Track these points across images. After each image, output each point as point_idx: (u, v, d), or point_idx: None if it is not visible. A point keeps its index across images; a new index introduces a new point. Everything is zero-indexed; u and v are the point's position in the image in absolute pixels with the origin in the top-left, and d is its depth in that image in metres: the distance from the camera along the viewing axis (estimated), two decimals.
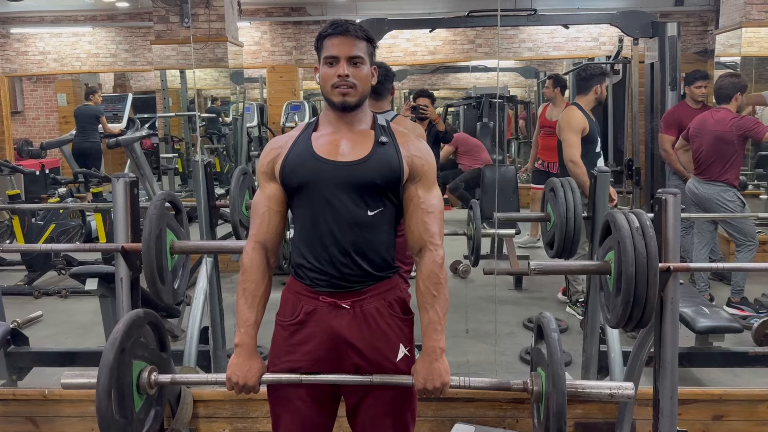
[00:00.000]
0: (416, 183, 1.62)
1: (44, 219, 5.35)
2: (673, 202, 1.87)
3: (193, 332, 2.73)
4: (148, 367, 1.66)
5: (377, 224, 1.60)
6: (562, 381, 1.49)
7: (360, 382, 1.60)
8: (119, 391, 1.55)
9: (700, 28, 8.61)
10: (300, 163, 1.60)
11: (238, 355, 1.61)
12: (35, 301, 4.74)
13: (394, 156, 1.60)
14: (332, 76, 1.58)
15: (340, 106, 1.60)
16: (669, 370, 1.91)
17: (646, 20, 4.97)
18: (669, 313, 1.89)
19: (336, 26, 1.59)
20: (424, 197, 1.62)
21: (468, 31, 9.00)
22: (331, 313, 1.60)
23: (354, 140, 1.62)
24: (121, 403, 1.56)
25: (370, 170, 1.57)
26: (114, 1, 8.49)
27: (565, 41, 8.86)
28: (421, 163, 1.63)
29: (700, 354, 2.93)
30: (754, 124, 4.08)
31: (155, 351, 1.75)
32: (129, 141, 7.17)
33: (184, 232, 2.10)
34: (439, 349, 1.57)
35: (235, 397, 2.55)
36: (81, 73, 10.19)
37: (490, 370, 2.86)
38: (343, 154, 1.60)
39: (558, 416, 1.48)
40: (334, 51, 1.58)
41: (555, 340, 1.54)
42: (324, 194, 1.57)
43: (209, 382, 1.74)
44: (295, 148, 1.63)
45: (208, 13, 5.96)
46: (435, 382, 1.56)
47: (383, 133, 1.64)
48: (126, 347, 1.57)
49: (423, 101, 4.00)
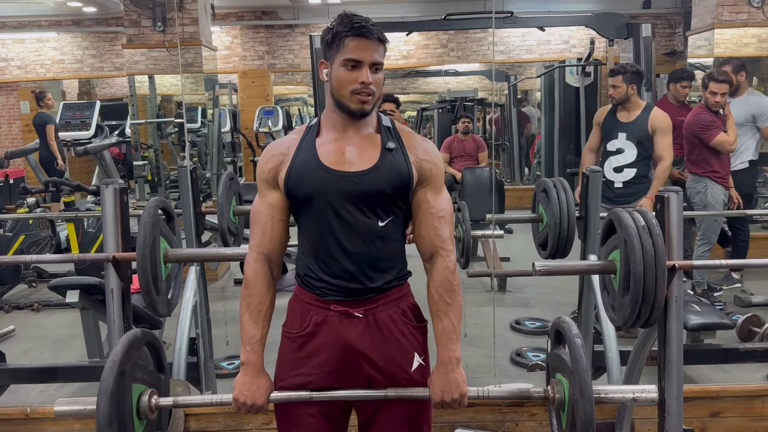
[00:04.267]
0: (425, 187, 1.56)
1: (13, 230, 5.17)
2: (676, 199, 1.87)
3: (181, 344, 2.64)
4: (148, 390, 1.57)
5: (389, 233, 1.54)
6: (589, 389, 1.45)
7: (374, 397, 1.55)
8: (120, 418, 1.47)
9: (668, 30, 8.79)
10: (306, 173, 1.52)
11: (245, 374, 1.54)
12: (6, 316, 4.58)
13: (402, 163, 1.53)
14: (353, 81, 1.48)
15: (358, 113, 1.51)
16: (675, 368, 1.90)
17: (620, 22, 5.04)
18: (674, 310, 1.88)
19: (360, 27, 1.47)
20: (434, 201, 1.56)
21: (440, 35, 9.03)
22: (342, 323, 1.54)
23: (361, 146, 1.54)
24: (121, 429, 1.47)
25: (379, 180, 1.50)
26: (80, 6, 8.29)
27: (536, 44, 8.95)
28: (430, 166, 1.56)
29: (692, 351, 2.94)
30: (700, 128, 4.13)
31: (154, 372, 1.66)
32: (98, 149, 7.02)
33: (176, 240, 2.03)
34: (455, 359, 1.52)
35: (227, 409, 2.48)
36: (45, 80, 9.94)
37: (488, 375, 2.84)
38: (350, 162, 1.52)
39: (586, 425, 1.44)
40: (357, 54, 1.47)
41: (578, 346, 1.50)
42: (333, 206, 1.50)
43: (214, 403, 1.66)
44: (299, 155, 1.54)
45: (181, 17, 5.84)
46: (453, 394, 1.50)
47: (390, 137, 1.56)
48: (125, 370, 1.48)
49: (388, 106, 3.90)
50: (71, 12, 8.74)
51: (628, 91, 3.72)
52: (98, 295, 2.98)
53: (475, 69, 10.64)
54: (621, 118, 3.79)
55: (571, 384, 1.51)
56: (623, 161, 3.76)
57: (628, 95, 3.73)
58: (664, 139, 3.70)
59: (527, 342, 3.77)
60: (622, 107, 3.78)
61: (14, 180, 8.17)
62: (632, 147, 3.74)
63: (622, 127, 3.77)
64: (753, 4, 5.29)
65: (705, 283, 4.32)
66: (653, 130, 3.70)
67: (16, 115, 11.35)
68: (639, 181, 3.75)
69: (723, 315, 3.18)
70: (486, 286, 4.90)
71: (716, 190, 4.21)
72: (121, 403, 1.47)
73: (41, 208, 6.35)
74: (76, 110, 8.09)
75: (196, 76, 6.50)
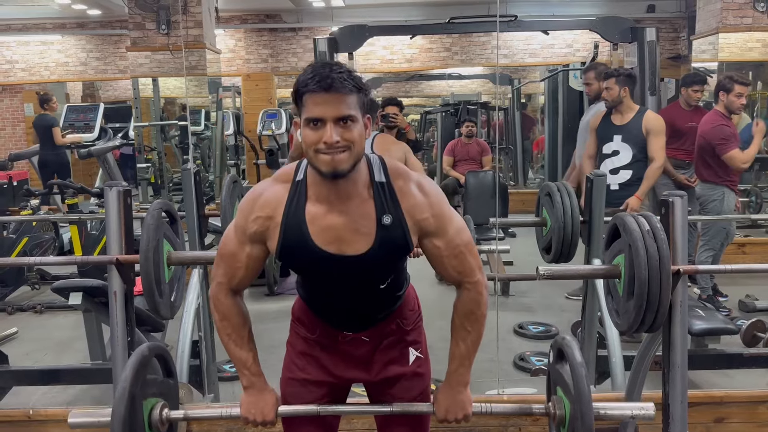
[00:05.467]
0: (431, 239, 1.48)
1: (16, 232, 5.18)
2: (681, 204, 1.86)
3: (184, 347, 2.63)
4: (159, 402, 1.59)
5: (391, 286, 1.56)
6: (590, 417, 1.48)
7: (380, 412, 1.61)
8: None
9: (672, 35, 8.77)
10: (299, 251, 1.43)
11: (249, 394, 1.56)
12: (9, 318, 4.57)
13: (401, 237, 1.43)
14: (317, 141, 1.33)
15: (329, 175, 1.35)
16: (679, 373, 1.90)
17: (625, 25, 5.02)
18: (678, 315, 1.87)
19: (318, 79, 1.31)
20: (446, 245, 1.48)
21: (444, 39, 9.03)
22: (351, 345, 1.60)
23: (354, 222, 1.41)
24: None
25: (377, 260, 1.44)
26: (85, 9, 8.31)
27: (540, 48, 8.95)
28: (430, 221, 1.45)
29: (697, 356, 2.93)
30: (720, 140, 4.09)
31: (164, 381, 1.67)
32: (101, 151, 7.02)
33: (180, 243, 2.03)
34: (464, 384, 1.56)
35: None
36: (49, 82, 9.96)
37: (491, 379, 2.82)
38: (345, 242, 1.42)
39: None
40: (317, 112, 1.32)
41: (580, 366, 1.53)
42: (330, 280, 1.49)
43: (224, 416, 1.70)
44: (288, 227, 1.42)
45: (185, 20, 5.86)
46: (457, 414, 1.55)
47: (384, 203, 1.42)
48: (136, 393, 1.49)
49: (392, 109, 3.90)
50: (76, 15, 8.77)
51: (620, 94, 3.75)
52: (101, 297, 2.97)
53: (478, 72, 10.64)
54: (615, 121, 3.81)
55: (573, 406, 1.53)
56: (619, 163, 3.78)
57: (621, 97, 3.76)
58: (657, 141, 3.72)
59: (530, 346, 3.76)
60: (615, 110, 3.80)
61: (18, 182, 8.18)
62: (627, 149, 3.76)
63: (617, 130, 3.80)
64: (758, 8, 5.28)
65: (710, 289, 4.31)
66: (647, 131, 3.73)
67: (20, 117, 11.37)
68: (635, 183, 3.76)
69: (727, 320, 3.17)
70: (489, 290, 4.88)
71: (731, 199, 4.21)
72: (133, 425, 1.48)
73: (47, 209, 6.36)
74: (80, 112, 8.11)
75: (200, 79, 6.52)
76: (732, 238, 4.38)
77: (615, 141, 3.79)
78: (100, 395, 3.02)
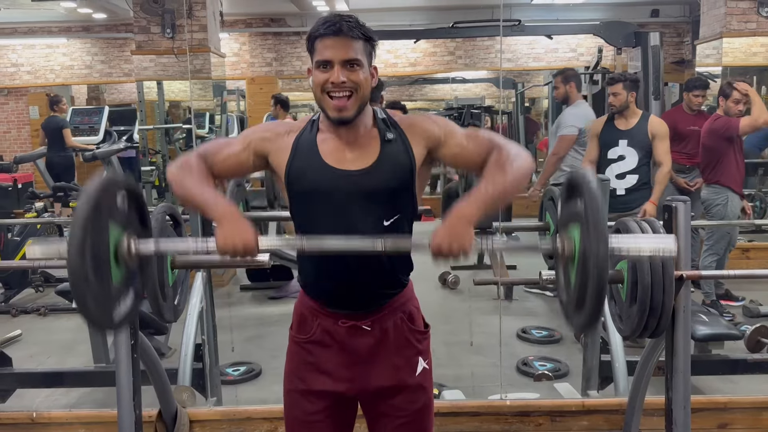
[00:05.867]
0: (444, 145, 1.51)
1: (21, 234, 5.19)
2: (684, 209, 1.86)
3: (187, 350, 2.64)
4: (126, 232, 1.44)
5: (395, 234, 1.49)
6: (605, 242, 1.34)
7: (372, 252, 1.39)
8: (94, 250, 1.31)
9: (676, 39, 8.78)
10: (307, 167, 1.47)
11: (223, 224, 1.37)
12: (13, 320, 4.59)
13: (403, 152, 1.49)
14: (325, 81, 1.42)
15: (336, 120, 1.45)
16: (682, 379, 1.89)
17: (629, 30, 5.04)
18: (681, 321, 1.87)
19: (328, 25, 1.41)
20: (461, 140, 1.52)
21: (448, 43, 9.06)
22: (350, 335, 1.54)
23: (360, 143, 1.49)
24: (97, 265, 1.32)
25: (383, 174, 1.46)
26: (90, 13, 8.35)
27: (544, 52, 8.96)
28: (435, 129, 1.52)
29: (700, 362, 2.92)
30: (723, 125, 4.14)
31: (135, 223, 1.52)
32: (106, 154, 7.05)
33: None
34: (468, 218, 1.37)
35: (232, 416, 2.48)
36: (55, 85, 10.01)
37: (494, 384, 2.82)
38: (352, 160, 1.48)
39: (600, 269, 1.34)
40: (326, 54, 1.41)
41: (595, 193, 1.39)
42: (334, 205, 1.46)
43: (199, 250, 1.54)
44: (299, 148, 1.49)
45: (190, 24, 5.87)
46: (452, 245, 1.34)
47: (387, 128, 1.51)
48: (101, 204, 1.35)
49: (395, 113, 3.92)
50: (81, 18, 8.81)
51: (627, 99, 3.75)
52: None
53: (482, 76, 10.65)
54: (620, 126, 3.81)
55: (583, 229, 1.38)
56: (625, 168, 3.78)
57: (628, 102, 3.76)
58: (663, 145, 3.74)
59: (534, 351, 3.76)
60: (620, 115, 3.80)
61: (23, 184, 8.22)
62: (634, 153, 3.76)
63: (622, 135, 3.79)
64: (762, 13, 5.28)
65: (713, 294, 4.30)
66: (653, 135, 3.74)
67: (26, 120, 11.42)
68: (641, 188, 3.76)
69: (731, 325, 3.16)
70: (492, 294, 4.88)
71: (735, 202, 4.20)
72: (96, 237, 1.33)
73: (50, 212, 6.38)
74: (85, 115, 8.16)
75: (205, 82, 6.53)
76: (735, 244, 4.37)
77: (620, 146, 3.78)
78: (103, 398, 3.02)
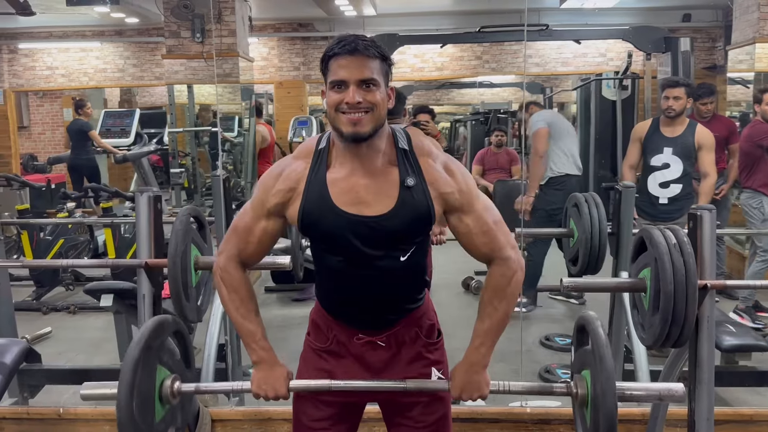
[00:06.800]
0: (458, 215, 1.48)
1: (53, 234, 5.32)
2: (709, 218, 1.84)
3: (210, 350, 2.68)
4: (172, 375, 1.56)
5: (411, 264, 1.51)
6: (612, 380, 1.42)
7: (393, 388, 1.53)
8: (141, 392, 1.43)
9: (708, 44, 8.64)
10: (319, 214, 1.43)
11: (259, 370, 1.52)
12: (44, 317, 4.69)
13: (423, 202, 1.43)
14: (340, 102, 1.37)
15: (350, 137, 1.38)
16: (705, 390, 1.87)
17: (658, 35, 4.98)
18: (705, 331, 1.85)
19: (343, 44, 1.37)
20: (474, 223, 1.48)
21: (475, 47, 9.03)
22: (365, 349, 1.56)
23: (376, 184, 1.43)
24: (142, 406, 1.43)
25: (399, 223, 1.43)
26: (123, 17, 8.51)
27: (573, 57, 8.88)
28: (455, 196, 1.46)
29: (726, 373, 2.88)
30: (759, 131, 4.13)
31: (180, 363, 1.64)
32: (137, 156, 7.17)
33: (207, 248, 2.06)
34: (483, 365, 1.51)
35: (253, 416, 2.50)
36: (88, 88, 10.22)
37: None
38: (366, 204, 1.42)
39: (609, 418, 1.41)
40: (341, 74, 1.37)
41: (602, 338, 1.47)
42: (350, 248, 1.45)
43: (235, 390, 1.70)
44: (309, 192, 1.44)
45: (219, 29, 5.96)
46: (472, 393, 1.50)
47: (408, 168, 1.44)
48: (153, 345, 1.48)
49: (424, 117, 3.92)
50: (114, 23, 8.98)
51: (686, 104, 3.65)
52: (131, 299, 3.03)
53: (510, 81, 10.60)
54: (666, 133, 3.68)
55: (594, 375, 1.46)
56: (670, 176, 3.66)
57: (687, 108, 3.67)
58: (710, 156, 3.63)
59: (557, 359, 3.72)
60: (668, 122, 3.66)
61: (56, 185, 8.41)
62: (679, 162, 3.64)
63: (668, 142, 3.66)
64: None
65: (751, 300, 4.19)
66: (699, 145, 3.63)
67: (60, 122, 11.71)
68: (684, 198, 3.65)
69: (759, 336, 3.10)
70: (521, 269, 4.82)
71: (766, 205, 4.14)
72: (144, 379, 1.44)
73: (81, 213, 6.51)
74: (116, 118, 8.30)
75: (234, 86, 6.62)
76: None
77: (665, 153, 3.66)
78: None
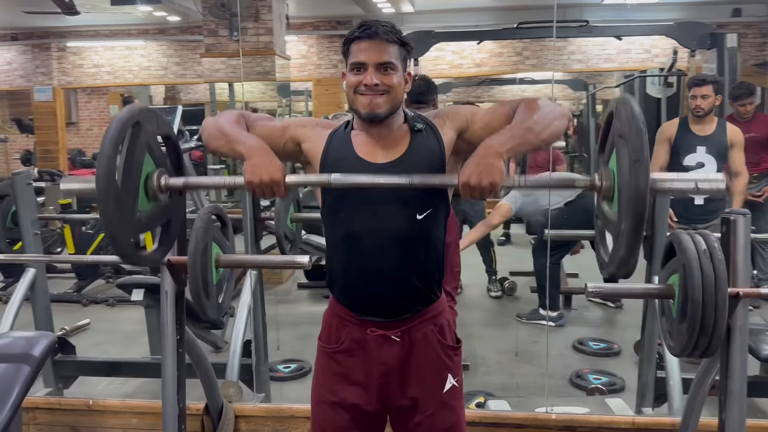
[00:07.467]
0: (474, 122, 1.50)
1: (94, 228, 5.45)
2: (744, 222, 1.76)
3: (236, 346, 2.70)
4: (159, 168, 1.51)
5: (428, 231, 1.48)
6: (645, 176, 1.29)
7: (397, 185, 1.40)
8: (125, 171, 1.38)
9: (759, 40, 8.33)
10: (341, 159, 1.48)
11: (253, 156, 1.40)
12: (83, 309, 4.82)
13: (433, 141, 1.48)
14: (358, 83, 1.43)
15: (367, 117, 1.45)
16: (737, 401, 1.79)
17: (703, 31, 4.81)
18: (737, 341, 1.76)
19: (364, 29, 1.44)
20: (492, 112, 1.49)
21: (515, 43, 8.91)
22: (379, 345, 1.52)
23: (392, 138, 1.49)
24: (126, 182, 1.38)
25: (413, 162, 1.45)
26: (165, 16, 8.68)
27: (616, 53, 8.68)
28: (460, 113, 1.51)
29: (765, 383, 2.76)
30: None
31: (168, 165, 1.58)
32: None
33: (229, 246, 2.07)
34: (498, 152, 1.33)
35: (276, 413, 2.51)
36: (133, 85, 10.47)
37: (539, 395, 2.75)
38: (383, 155, 1.48)
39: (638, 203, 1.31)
40: (361, 57, 1.43)
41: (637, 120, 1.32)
42: (367, 198, 1.45)
43: (227, 184, 1.57)
44: (334, 141, 1.51)
45: (256, 27, 6.02)
46: (482, 179, 1.30)
47: (416, 119, 1.51)
48: (141, 120, 1.42)
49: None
50: (157, 21, 9.17)
51: (715, 102, 3.54)
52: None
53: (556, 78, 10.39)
54: (697, 132, 3.59)
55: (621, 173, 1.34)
56: None
57: (716, 106, 3.56)
58: (740, 154, 3.55)
59: (589, 363, 3.63)
60: (697, 120, 3.58)
61: None
62: (712, 161, 3.54)
63: (701, 141, 3.57)
64: None
65: None
66: (731, 143, 3.54)
67: (106, 118, 12.03)
68: (720, 198, 3.53)
69: None
70: None
71: None
72: (129, 158, 1.38)
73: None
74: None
75: (273, 84, 6.67)
76: None
77: (699, 152, 3.56)
78: (157, 389, 3.10)
